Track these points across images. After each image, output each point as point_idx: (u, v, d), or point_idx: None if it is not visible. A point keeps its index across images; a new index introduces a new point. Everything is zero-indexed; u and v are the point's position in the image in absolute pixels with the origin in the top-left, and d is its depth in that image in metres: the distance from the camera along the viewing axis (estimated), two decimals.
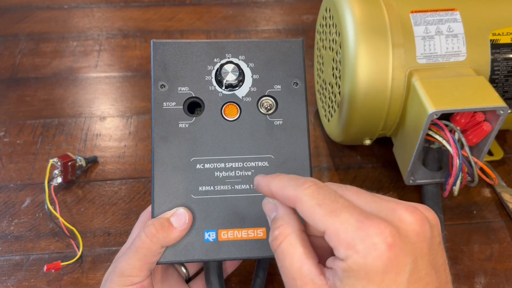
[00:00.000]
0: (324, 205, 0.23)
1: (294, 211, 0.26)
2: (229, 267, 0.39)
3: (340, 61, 0.44)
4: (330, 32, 0.47)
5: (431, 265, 0.23)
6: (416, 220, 0.23)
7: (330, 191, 0.24)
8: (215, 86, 0.35)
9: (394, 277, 0.22)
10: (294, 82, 0.36)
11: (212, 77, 0.35)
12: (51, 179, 0.46)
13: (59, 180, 0.47)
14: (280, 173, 0.27)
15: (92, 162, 0.51)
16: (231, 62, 0.35)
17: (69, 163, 0.47)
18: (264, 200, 0.28)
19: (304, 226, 0.26)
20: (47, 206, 0.44)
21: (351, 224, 0.22)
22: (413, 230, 0.23)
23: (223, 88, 0.35)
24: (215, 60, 0.36)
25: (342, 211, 0.23)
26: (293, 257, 0.24)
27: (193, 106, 0.36)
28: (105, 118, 0.56)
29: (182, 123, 0.35)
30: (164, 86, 0.35)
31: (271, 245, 0.26)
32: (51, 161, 0.46)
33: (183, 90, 0.35)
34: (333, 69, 0.47)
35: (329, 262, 0.24)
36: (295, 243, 0.24)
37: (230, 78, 0.35)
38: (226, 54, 0.36)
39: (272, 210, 0.27)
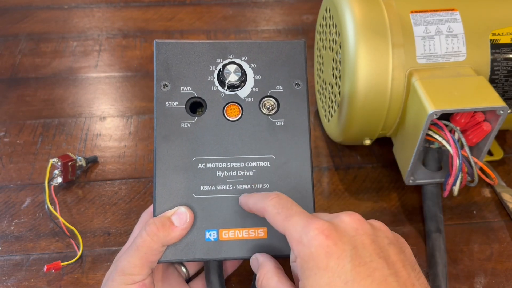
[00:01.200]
0: (282, 212, 0.29)
1: (271, 256, 0.32)
2: (230, 267, 0.39)
3: (340, 61, 0.44)
4: (330, 32, 0.47)
5: (378, 256, 0.26)
6: (353, 220, 0.28)
7: (288, 201, 0.30)
8: (217, 86, 0.36)
9: (337, 261, 0.25)
10: (296, 83, 0.36)
11: (214, 77, 0.36)
12: (51, 179, 0.46)
13: (59, 180, 0.47)
14: (253, 193, 0.33)
15: (92, 162, 0.51)
16: (233, 62, 0.35)
17: (69, 163, 0.47)
18: (251, 258, 0.33)
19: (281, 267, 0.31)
20: (47, 206, 0.44)
21: (299, 225, 0.27)
22: (351, 226, 0.27)
23: (225, 88, 0.35)
24: (217, 60, 0.36)
25: (294, 215, 0.28)
26: (270, 286, 0.29)
27: (195, 106, 0.36)
28: (105, 118, 0.56)
29: (184, 123, 0.35)
30: (167, 86, 0.35)
31: (257, 284, 0.30)
32: (51, 161, 0.46)
33: (185, 90, 0.35)
34: (333, 69, 0.47)
35: None
36: (271, 276, 0.30)
37: (232, 78, 0.35)
38: (229, 55, 0.36)
39: (256, 264, 0.32)
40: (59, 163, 0.47)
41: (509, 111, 0.40)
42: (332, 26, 0.46)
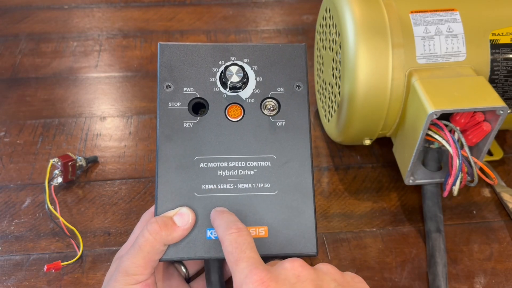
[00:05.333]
0: (234, 253, 0.29)
1: None
2: None
3: (340, 61, 0.44)
4: (330, 32, 0.47)
5: None
6: (294, 266, 0.28)
7: (245, 241, 0.29)
8: (219, 88, 0.36)
9: None
10: (297, 85, 0.36)
11: (216, 79, 0.36)
12: (51, 179, 0.46)
13: (60, 180, 0.47)
14: (225, 212, 0.33)
15: (92, 162, 0.51)
16: (235, 64, 0.36)
17: (70, 163, 0.47)
18: None
19: None
20: (47, 206, 0.44)
21: (243, 273, 0.27)
22: (292, 274, 0.27)
23: (227, 89, 0.36)
24: (219, 62, 0.36)
25: (243, 261, 0.28)
26: None
27: (198, 107, 0.36)
28: (105, 118, 0.56)
29: (186, 123, 0.35)
30: (170, 87, 0.36)
31: None
32: (51, 161, 0.46)
33: (188, 91, 0.36)
34: (333, 69, 0.47)
35: None
36: None
37: (234, 79, 0.35)
38: (231, 57, 0.36)
39: None
40: (59, 163, 0.47)
41: (509, 111, 0.40)
42: (332, 26, 0.47)
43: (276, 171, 0.35)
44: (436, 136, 0.40)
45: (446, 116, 0.40)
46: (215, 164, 0.35)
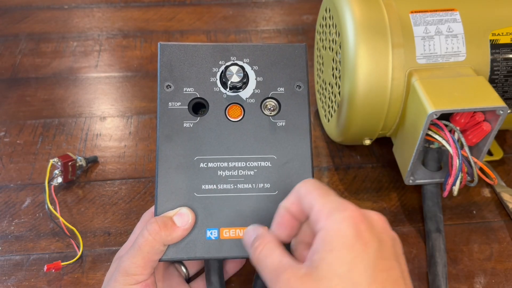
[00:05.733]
0: (320, 189, 0.29)
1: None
2: (231, 269, 0.39)
3: (340, 61, 0.44)
4: (330, 32, 0.47)
5: (396, 259, 0.27)
6: (382, 220, 0.29)
7: (324, 184, 0.30)
8: (219, 88, 0.36)
9: (364, 247, 0.26)
10: (297, 85, 0.36)
11: (217, 79, 0.36)
12: (51, 179, 0.46)
13: (60, 180, 0.47)
14: None
15: (92, 162, 0.51)
16: (235, 64, 0.36)
17: (70, 163, 0.47)
18: (245, 231, 0.31)
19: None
20: (47, 206, 0.44)
21: (335, 203, 0.28)
22: (379, 223, 0.28)
23: (228, 89, 0.36)
24: (220, 62, 0.36)
25: (331, 194, 0.29)
26: (272, 256, 0.28)
27: (198, 107, 0.36)
28: (105, 118, 0.56)
29: (186, 123, 0.35)
30: (170, 87, 0.36)
31: (252, 255, 0.29)
32: (51, 161, 0.46)
33: (188, 91, 0.36)
34: (333, 69, 0.47)
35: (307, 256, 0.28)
36: (273, 247, 0.29)
37: (235, 79, 0.35)
38: (231, 57, 0.36)
39: (252, 234, 0.31)
40: (59, 163, 0.47)
41: (509, 111, 0.40)
42: (332, 26, 0.47)
43: (276, 171, 0.35)
44: (436, 136, 0.40)
45: (446, 116, 0.40)
46: (215, 164, 0.35)
